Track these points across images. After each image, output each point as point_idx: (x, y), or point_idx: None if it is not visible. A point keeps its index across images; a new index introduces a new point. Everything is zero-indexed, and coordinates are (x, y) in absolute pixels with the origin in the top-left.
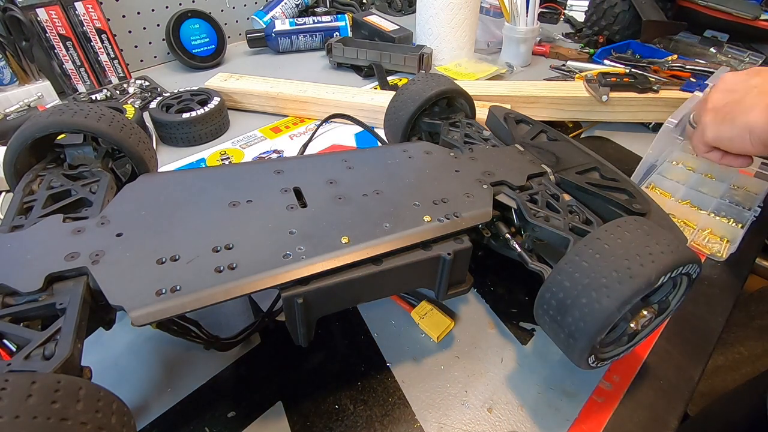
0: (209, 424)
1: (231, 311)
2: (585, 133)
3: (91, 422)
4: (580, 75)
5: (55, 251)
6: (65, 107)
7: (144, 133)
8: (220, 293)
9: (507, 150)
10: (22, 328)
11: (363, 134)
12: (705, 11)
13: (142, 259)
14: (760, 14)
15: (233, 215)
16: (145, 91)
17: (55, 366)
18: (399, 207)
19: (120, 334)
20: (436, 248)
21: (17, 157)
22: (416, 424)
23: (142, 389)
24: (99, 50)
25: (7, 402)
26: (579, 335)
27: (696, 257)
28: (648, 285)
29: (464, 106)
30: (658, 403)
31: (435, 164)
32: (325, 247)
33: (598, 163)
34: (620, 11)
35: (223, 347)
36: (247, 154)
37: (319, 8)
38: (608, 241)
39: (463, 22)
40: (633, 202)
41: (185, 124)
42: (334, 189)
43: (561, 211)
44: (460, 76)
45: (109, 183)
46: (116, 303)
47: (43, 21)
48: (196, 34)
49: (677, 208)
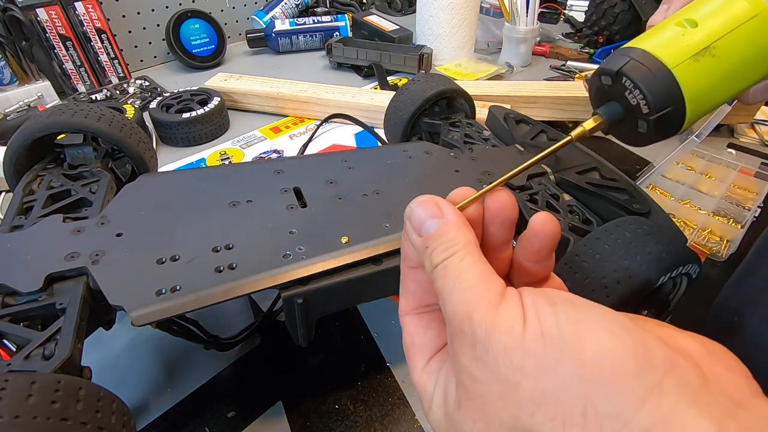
0: (209, 424)
1: (231, 311)
2: None
3: (91, 422)
4: (580, 75)
5: (55, 251)
6: (65, 107)
7: (144, 133)
8: (220, 293)
9: (507, 150)
10: (22, 328)
11: (363, 134)
12: None
13: (142, 259)
14: None
15: (233, 215)
16: (145, 91)
17: (55, 366)
18: (399, 207)
19: (120, 334)
20: None
21: (17, 157)
22: (416, 424)
23: (142, 389)
24: (99, 50)
25: (7, 402)
26: None
27: (696, 257)
28: (648, 285)
29: (464, 106)
30: None
31: (435, 164)
32: (325, 247)
33: (598, 163)
34: (620, 11)
35: (223, 347)
36: (247, 154)
37: (319, 8)
38: (608, 241)
39: (463, 22)
40: (633, 202)
41: (185, 124)
42: (334, 189)
43: (561, 211)
44: (460, 76)
45: (109, 183)
46: (116, 303)
47: (43, 21)
48: (196, 34)
49: (677, 208)
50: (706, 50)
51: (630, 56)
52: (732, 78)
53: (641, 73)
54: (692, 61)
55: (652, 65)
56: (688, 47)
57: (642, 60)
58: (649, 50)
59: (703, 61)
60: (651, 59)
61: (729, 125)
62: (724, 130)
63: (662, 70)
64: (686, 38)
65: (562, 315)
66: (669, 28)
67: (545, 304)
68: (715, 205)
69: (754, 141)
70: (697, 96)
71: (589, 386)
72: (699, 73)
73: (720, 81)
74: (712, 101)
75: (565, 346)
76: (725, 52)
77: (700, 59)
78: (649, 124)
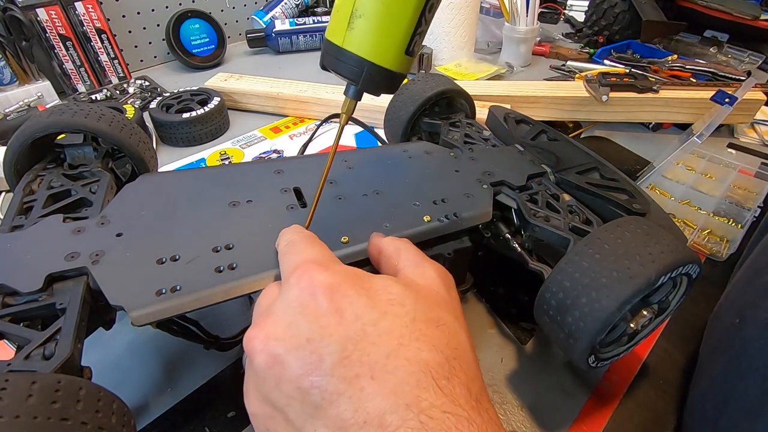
0: (209, 424)
1: (231, 311)
2: (585, 133)
3: (92, 422)
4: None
5: (55, 251)
6: (65, 107)
7: (144, 133)
8: (220, 293)
9: (507, 150)
10: (22, 328)
11: (363, 134)
12: (705, 11)
13: (142, 259)
14: (760, 14)
15: (233, 215)
16: (145, 91)
17: (55, 366)
18: (399, 207)
19: (120, 334)
20: (436, 248)
21: (17, 157)
22: None
23: (142, 389)
24: (99, 50)
25: (7, 402)
26: (579, 335)
27: (696, 257)
28: (648, 285)
29: (464, 106)
30: (658, 403)
31: (435, 164)
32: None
33: (598, 163)
34: (620, 11)
35: (223, 347)
36: (247, 154)
37: (319, 8)
38: (608, 241)
39: (463, 22)
40: (633, 202)
41: (185, 124)
42: (334, 189)
43: (561, 211)
44: (460, 76)
45: (109, 183)
46: (116, 303)
47: (43, 21)
48: (196, 34)
49: (677, 208)
50: (353, 16)
51: (324, 49)
52: (391, 17)
53: (330, 61)
54: (350, 31)
55: (331, 49)
56: (342, 21)
57: (326, 49)
58: (326, 36)
59: (357, 24)
60: (329, 45)
61: (729, 125)
62: (724, 130)
63: (335, 49)
64: (339, 15)
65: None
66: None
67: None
68: (715, 205)
69: (754, 141)
70: (374, 50)
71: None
72: (361, 34)
73: (383, 26)
74: (393, 43)
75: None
76: (367, 6)
77: (354, 24)
78: (362, 89)
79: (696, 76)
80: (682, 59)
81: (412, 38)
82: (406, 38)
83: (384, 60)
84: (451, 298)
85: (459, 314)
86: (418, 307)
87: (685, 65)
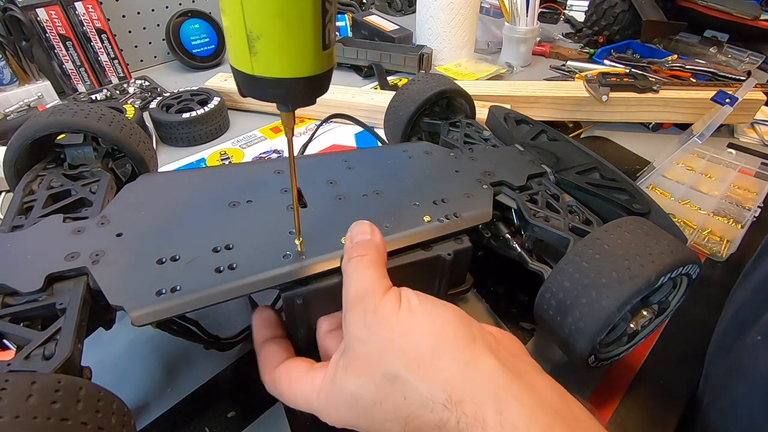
0: (209, 424)
1: (231, 311)
2: (585, 133)
3: (92, 422)
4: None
5: (55, 251)
6: (65, 107)
7: (144, 133)
8: (220, 293)
9: (507, 150)
10: (22, 328)
11: (363, 134)
12: (705, 11)
13: (142, 259)
14: (760, 14)
15: (233, 215)
16: (145, 91)
17: (55, 366)
18: (399, 207)
19: (120, 334)
20: (436, 248)
21: (17, 157)
22: None
23: (142, 389)
24: (99, 50)
25: (7, 402)
26: (579, 335)
27: (696, 257)
28: (648, 285)
29: (464, 106)
30: (658, 403)
31: (435, 164)
32: (325, 247)
33: (598, 163)
34: (620, 11)
35: (223, 347)
36: (247, 154)
37: None
38: (608, 241)
39: (463, 22)
40: (633, 202)
41: (185, 124)
42: (334, 189)
43: (561, 211)
44: (460, 76)
45: (109, 183)
46: (116, 303)
47: (43, 21)
48: (196, 34)
49: (677, 208)
50: (251, 39)
51: (236, 78)
52: (291, 26)
53: (249, 90)
54: (254, 56)
55: (243, 79)
56: (241, 48)
57: (239, 79)
58: (232, 64)
59: (259, 47)
60: (239, 74)
61: (729, 125)
62: (724, 130)
63: (248, 78)
64: (235, 40)
65: (424, 300)
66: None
67: (413, 295)
68: (715, 205)
69: (754, 141)
70: (288, 67)
71: (437, 339)
72: (267, 56)
73: (288, 39)
74: (305, 49)
75: (424, 315)
76: (258, 21)
77: (256, 48)
78: (293, 107)
79: (696, 76)
80: (682, 59)
81: (324, 32)
82: (318, 37)
83: (302, 70)
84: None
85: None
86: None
87: (685, 65)
